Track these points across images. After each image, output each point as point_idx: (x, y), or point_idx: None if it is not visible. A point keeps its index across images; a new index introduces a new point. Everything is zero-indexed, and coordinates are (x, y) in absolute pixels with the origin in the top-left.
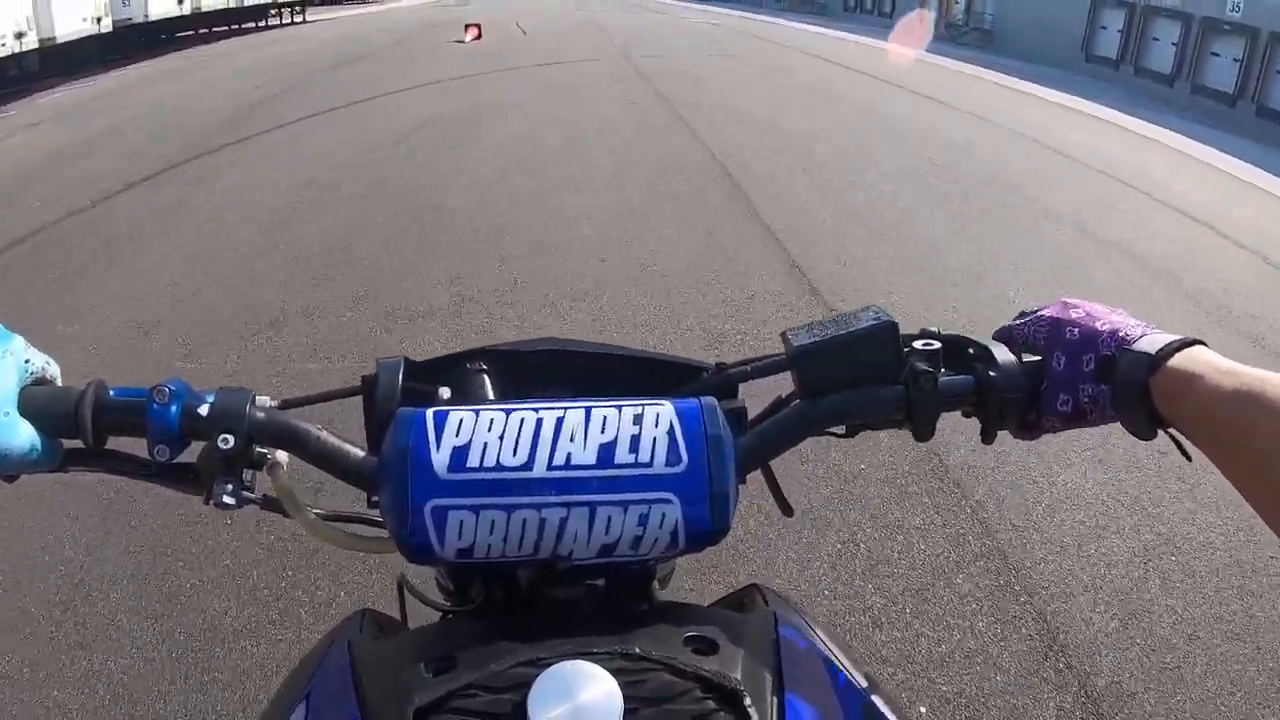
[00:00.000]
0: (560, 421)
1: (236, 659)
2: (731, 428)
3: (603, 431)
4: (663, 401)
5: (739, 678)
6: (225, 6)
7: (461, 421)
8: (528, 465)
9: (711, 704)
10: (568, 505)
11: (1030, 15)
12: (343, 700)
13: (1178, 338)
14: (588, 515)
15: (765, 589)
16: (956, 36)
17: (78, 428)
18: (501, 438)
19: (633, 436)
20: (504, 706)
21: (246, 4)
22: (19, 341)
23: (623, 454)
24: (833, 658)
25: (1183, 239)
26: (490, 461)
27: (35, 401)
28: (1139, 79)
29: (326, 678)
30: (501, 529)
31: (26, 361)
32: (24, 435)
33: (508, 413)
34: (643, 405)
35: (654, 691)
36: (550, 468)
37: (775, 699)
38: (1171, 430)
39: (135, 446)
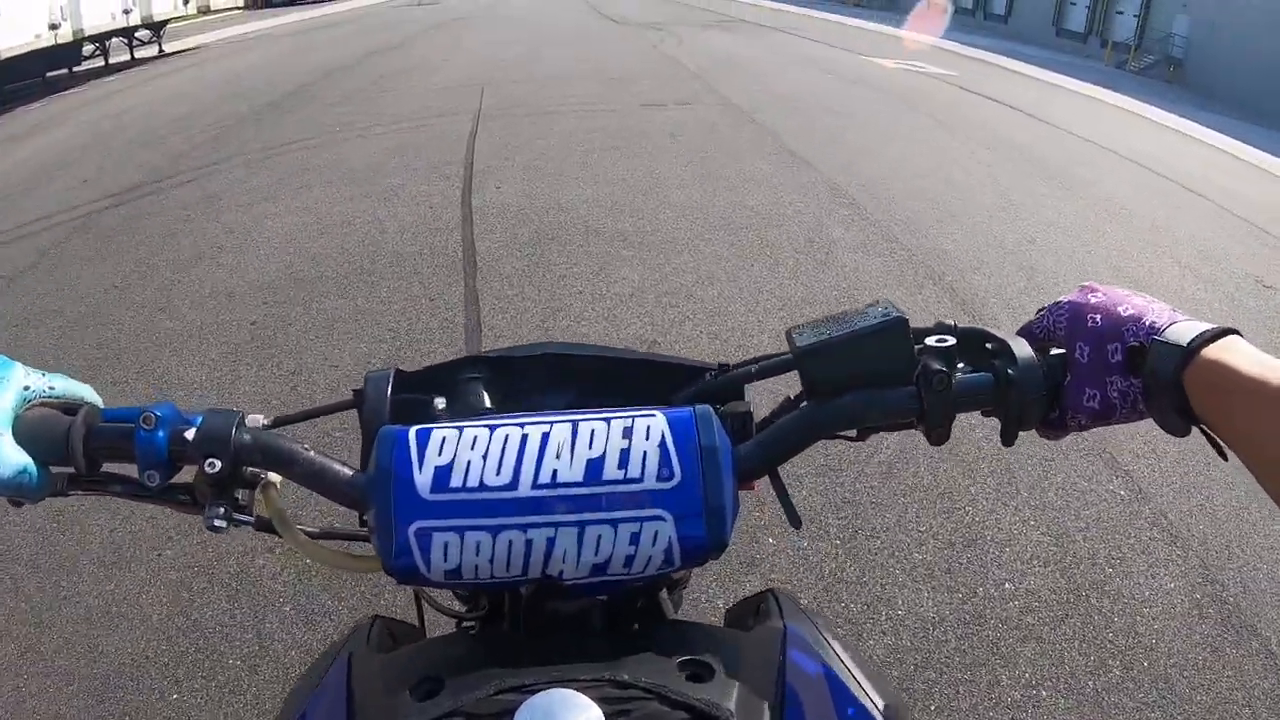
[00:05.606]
0: (546, 437)
1: None
2: (735, 432)
3: (590, 446)
4: (654, 411)
5: (732, 708)
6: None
7: (444, 440)
8: (512, 485)
9: None
10: (555, 525)
11: (1247, 46)
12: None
13: (1210, 326)
14: (576, 535)
15: (782, 595)
16: (1131, 65)
17: (69, 455)
18: (485, 456)
19: (622, 450)
20: None
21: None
22: (18, 369)
23: (611, 469)
24: (847, 683)
25: None
26: (474, 481)
27: (28, 428)
28: None
29: (323, 697)
30: (487, 550)
31: (25, 388)
32: (15, 460)
33: (491, 429)
34: (633, 416)
35: None
36: (535, 486)
37: None
38: (1204, 427)
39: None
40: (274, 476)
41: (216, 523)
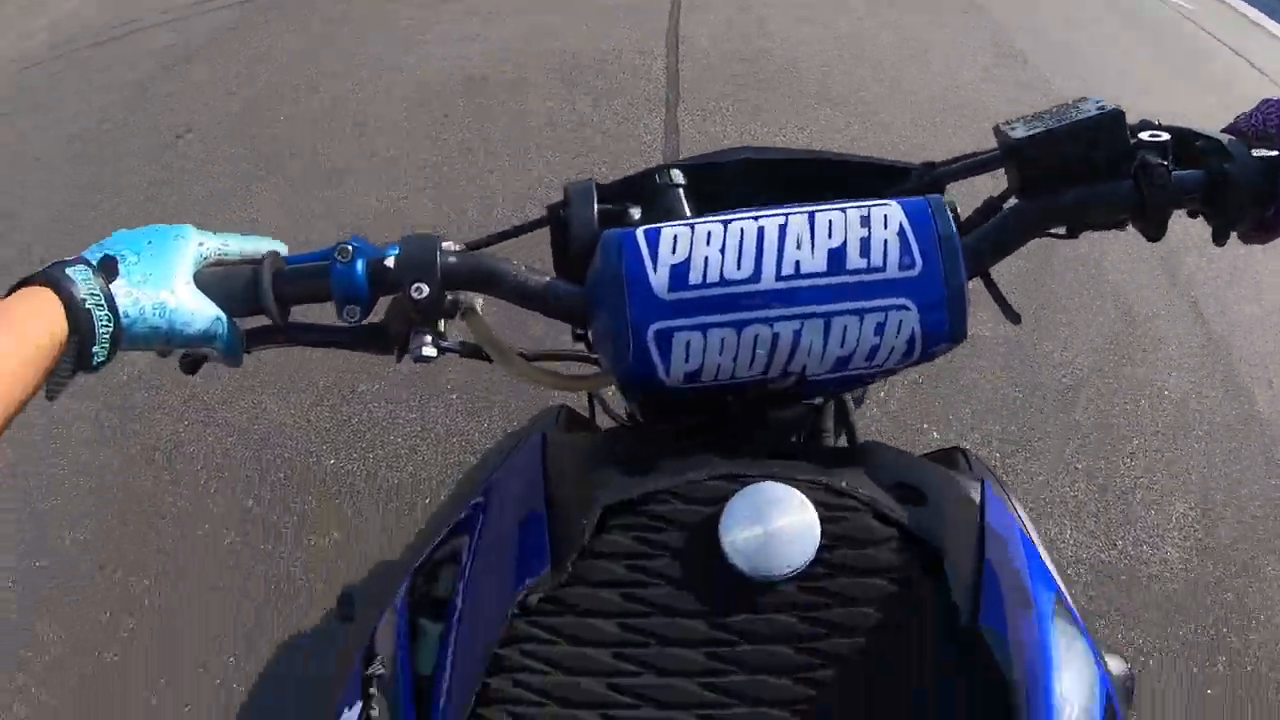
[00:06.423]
0: (783, 229)
1: None
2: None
3: (830, 236)
4: (889, 202)
5: (943, 538)
6: None
7: (676, 237)
8: (754, 277)
9: (910, 558)
10: (801, 317)
11: None
12: (531, 489)
13: None
14: (822, 327)
15: (971, 454)
16: None
17: (259, 300)
18: (723, 250)
19: (862, 239)
20: (694, 517)
21: None
22: (189, 229)
23: (854, 259)
24: (1038, 547)
25: None
26: (714, 276)
27: (214, 280)
28: None
29: (517, 465)
30: (732, 348)
31: (200, 245)
32: (205, 310)
33: (725, 223)
34: (868, 206)
35: (853, 531)
36: (780, 278)
37: (974, 571)
38: None
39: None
40: (477, 301)
41: (425, 350)
